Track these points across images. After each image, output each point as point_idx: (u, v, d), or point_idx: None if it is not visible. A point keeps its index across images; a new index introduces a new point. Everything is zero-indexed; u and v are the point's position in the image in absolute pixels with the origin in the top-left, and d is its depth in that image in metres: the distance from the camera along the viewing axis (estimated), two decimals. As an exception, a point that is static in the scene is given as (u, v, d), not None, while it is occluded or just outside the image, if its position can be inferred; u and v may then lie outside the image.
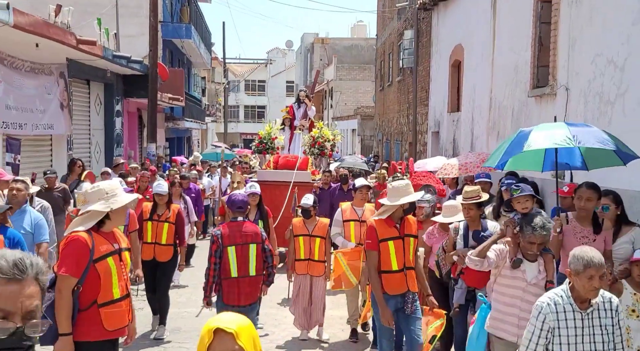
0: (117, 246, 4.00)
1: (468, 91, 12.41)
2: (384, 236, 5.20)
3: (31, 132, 10.63)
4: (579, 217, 5.09)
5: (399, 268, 5.22)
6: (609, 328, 3.38)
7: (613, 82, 6.10)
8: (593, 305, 3.38)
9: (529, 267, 4.40)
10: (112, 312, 3.94)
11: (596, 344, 3.35)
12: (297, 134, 12.25)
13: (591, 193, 5.00)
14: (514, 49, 9.40)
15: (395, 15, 21.73)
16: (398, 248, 5.22)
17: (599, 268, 3.27)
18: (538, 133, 4.76)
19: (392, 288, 5.24)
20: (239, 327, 2.04)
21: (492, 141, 10.59)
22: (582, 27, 6.92)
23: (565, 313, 3.36)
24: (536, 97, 8.34)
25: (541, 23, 8.29)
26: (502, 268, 4.45)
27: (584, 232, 5.03)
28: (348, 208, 7.02)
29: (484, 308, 4.79)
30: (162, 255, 6.99)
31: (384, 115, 24.86)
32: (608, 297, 3.45)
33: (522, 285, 4.35)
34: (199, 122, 29.24)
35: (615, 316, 3.41)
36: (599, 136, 4.67)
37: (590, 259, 3.27)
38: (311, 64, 48.21)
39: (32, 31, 8.89)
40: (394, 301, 5.26)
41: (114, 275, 3.94)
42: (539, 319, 3.39)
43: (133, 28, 18.46)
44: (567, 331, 3.35)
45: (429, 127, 16.25)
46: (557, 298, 3.41)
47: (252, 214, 7.15)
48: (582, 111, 6.82)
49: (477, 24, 11.57)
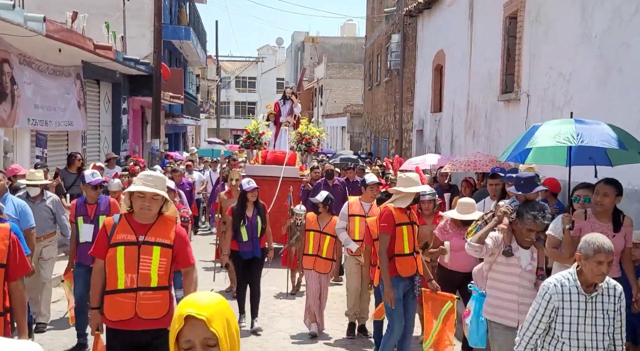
0: (141, 238, 3.92)
1: (449, 94, 13.62)
2: (399, 221, 5.48)
3: (55, 128, 11.71)
4: (597, 213, 4.94)
5: (410, 252, 5.52)
6: (611, 313, 3.48)
7: (562, 92, 7.31)
8: (598, 290, 3.48)
9: (523, 254, 4.54)
10: (113, 301, 3.93)
11: (597, 327, 3.46)
12: (283, 131, 12.30)
13: (608, 188, 4.86)
14: (487, 58, 10.61)
15: (383, 18, 22.90)
16: (409, 233, 5.53)
17: (609, 254, 3.36)
18: (545, 128, 4.74)
19: (405, 270, 5.50)
20: (212, 312, 1.95)
21: (469, 139, 11.81)
22: (539, 43, 8.13)
23: (570, 294, 3.47)
24: (504, 101, 9.56)
25: (509, 36, 9.51)
26: (497, 255, 4.57)
27: (603, 228, 4.87)
28: (355, 202, 6.92)
29: (477, 298, 4.88)
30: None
31: (372, 113, 26.02)
32: (613, 284, 3.54)
33: (517, 272, 4.48)
34: (195, 119, 30.34)
35: (618, 302, 3.51)
36: (604, 134, 4.55)
37: (602, 244, 3.36)
38: (301, 62, 49.20)
39: (59, 39, 10.02)
40: (404, 283, 5.53)
41: (120, 265, 3.89)
42: (545, 298, 3.50)
43: (135, 29, 19.46)
44: (571, 312, 3.47)
45: (414, 126, 17.45)
46: (563, 280, 3.51)
47: (250, 211, 7.23)
48: (539, 114, 8.04)
49: (457, 33, 12.77)
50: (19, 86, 10.09)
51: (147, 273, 3.90)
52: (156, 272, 3.92)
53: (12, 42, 9.56)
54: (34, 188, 6.84)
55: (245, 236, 7.11)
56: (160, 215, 4.03)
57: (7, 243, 3.72)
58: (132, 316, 3.89)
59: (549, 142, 4.62)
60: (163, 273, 3.94)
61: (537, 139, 4.65)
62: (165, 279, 3.96)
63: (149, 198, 3.91)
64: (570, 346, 3.45)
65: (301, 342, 6.82)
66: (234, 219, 7.17)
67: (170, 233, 3.98)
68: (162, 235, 3.95)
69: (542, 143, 4.68)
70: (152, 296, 3.91)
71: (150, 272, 3.90)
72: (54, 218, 7.04)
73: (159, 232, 3.96)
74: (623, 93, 5.77)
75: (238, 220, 7.13)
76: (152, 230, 3.95)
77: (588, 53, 6.59)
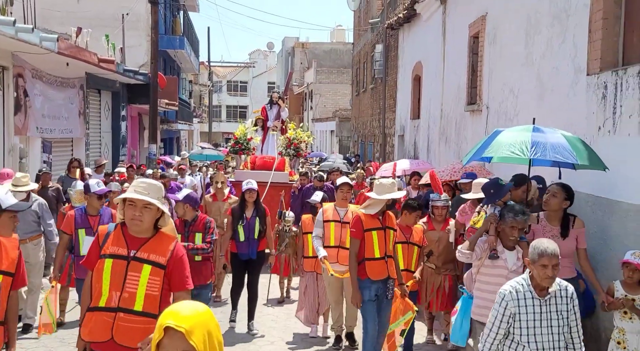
0: (133, 253, 3.52)
1: (425, 102, 14.73)
2: (368, 227, 5.61)
3: (58, 135, 12.75)
4: (548, 217, 5.10)
5: (381, 256, 5.63)
6: (565, 314, 3.60)
7: (512, 106, 8.41)
8: (550, 293, 3.59)
9: (509, 255, 4.72)
10: (90, 319, 3.54)
11: (553, 328, 3.57)
12: (271, 135, 12.24)
13: (557, 189, 5.03)
14: (456, 72, 11.72)
15: (368, 28, 24.04)
16: (380, 238, 5.64)
17: (552, 258, 3.48)
18: (505, 135, 4.82)
19: (375, 273, 5.63)
20: (192, 324, 1.93)
21: (442, 144, 12.91)
22: (496, 61, 9.24)
23: (525, 299, 3.58)
24: (470, 111, 10.66)
25: (473, 54, 10.61)
26: (484, 259, 4.77)
27: (553, 231, 5.01)
28: (330, 208, 6.70)
29: (465, 299, 5.08)
30: None
31: (359, 118, 27.14)
32: (564, 285, 3.66)
33: (504, 273, 4.61)
34: (188, 124, 31.37)
35: (571, 302, 3.63)
36: (559, 146, 4.62)
37: (545, 249, 3.50)
38: (292, 66, 50.30)
39: (68, 55, 11.05)
40: (376, 286, 5.65)
41: (105, 280, 3.49)
42: (502, 305, 3.61)
43: (131, 39, 20.53)
44: (527, 316, 3.56)
45: (396, 131, 18.56)
46: (518, 286, 3.62)
47: (250, 211, 7.25)
48: (496, 125, 9.12)
49: (432, 47, 13.88)
50: (30, 98, 11.15)
51: (133, 293, 3.47)
52: (143, 294, 3.48)
53: (27, 59, 10.61)
54: (20, 192, 6.61)
55: (242, 236, 7.17)
56: (159, 230, 3.63)
57: (17, 253, 3.74)
58: (108, 340, 3.49)
59: (504, 152, 4.72)
60: (153, 298, 3.48)
61: (494, 147, 4.80)
62: (156, 306, 3.47)
63: (139, 207, 3.50)
64: (530, 349, 3.57)
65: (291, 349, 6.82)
66: (233, 219, 7.26)
67: (165, 252, 3.54)
68: (156, 252, 3.53)
69: (498, 153, 4.84)
70: (133, 321, 3.47)
71: (136, 292, 3.47)
72: (39, 221, 6.93)
73: (154, 248, 3.54)
74: (553, 111, 6.86)
75: (237, 220, 7.22)
76: (147, 246, 3.54)
77: (530, 74, 7.69)
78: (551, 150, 4.57)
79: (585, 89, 6.13)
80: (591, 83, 6.00)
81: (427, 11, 14.30)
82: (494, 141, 4.83)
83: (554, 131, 5.01)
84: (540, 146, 4.57)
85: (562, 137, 4.80)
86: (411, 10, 15.34)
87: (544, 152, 4.54)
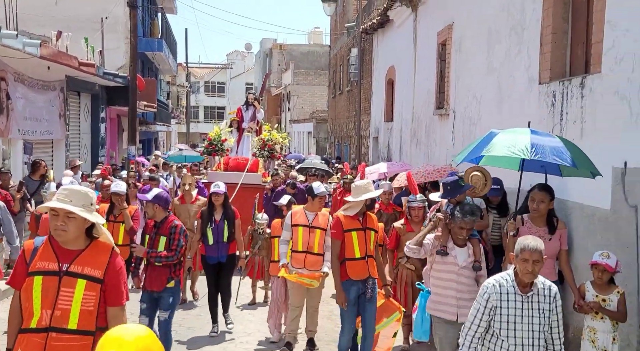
0: (65, 267, 3.24)
1: (398, 106, 15.26)
2: (348, 227, 5.75)
3: (39, 137, 13.00)
4: (533, 218, 5.17)
5: (361, 256, 5.74)
6: (547, 312, 3.63)
7: (475, 111, 8.94)
8: (533, 290, 3.64)
9: (460, 252, 4.83)
10: (21, 342, 3.27)
11: (533, 325, 3.61)
12: (246, 137, 12.14)
13: (543, 195, 5.12)
14: (426, 77, 12.25)
15: (345, 31, 24.53)
16: (360, 239, 5.75)
17: (533, 253, 3.54)
18: (502, 137, 4.82)
19: (356, 273, 5.74)
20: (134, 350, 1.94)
21: (413, 147, 13.44)
22: (461, 69, 9.77)
23: (507, 294, 3.64)
24: (438, 115, 11.19)
25: (441, 61, 11.15)
26: (435, 255, 4.91)
27: (539, 232, 5.09)
28: (299, 212, 6.55)
29: (423, 294, 5.20)
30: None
31: (336, 120, 27.63)
32: (548, 284, 3.70)
33: (454, 269, 4.75)
34: (167, 125, 31.56)
35: (553, 302, 3.66)
36: (558, 149, 4.64)
37: (527, 244, 3.58)
38: (269, 68, 50.65)
39: (50, 59, 11.34)
40: (357, 286, 5.75)
41: (36, 299, 3.21)
42: (484, 297, 3.67)
43: (110, 42, 20.75)
44: (508, 311, 3.62)
45: (371, 133, 19.08)
46: (502, 280, 3.69)
47: (219, 215, 7.22)
48: (461, 129, 9.67)
49: (404, 53, 14.41)
50: (13, 100, 11.41)
51: (66, 311, 3.21)
52: (78, 311, 3.22)
53: (9, 63, 10.88)
54: None
55: (211, 239, 7.14)
56: (93, 240, 3.38)
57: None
58: None
59: (503, 151, 4.71)
60: (88, 314, 3.24)
61: (493, 147, 4.76)
62: (92, 322, 3.25)
63: (62, 216, 3.24)
64: (509, 344, 3.63)
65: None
66: (202, 222, 7.25)
67: (101, 264, 3.30)
68: (90, 265, 3.28)
69: (497, 152, 4.75)
70: (67, 340, 3.21)
71: (70, 310, 3.22)
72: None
73: (88, 261, 3.29)
74: (512, 117, 7.39)
75: (205, 223, 7.20)
76: (80, 258, 3.28)
77: (491, 81, 8.23)
78: (550, 152, 4.60)
79: (537, 97, 6.67)
80: (542, 92, 6.54)
81: (399, 18, 14.83)
82: (492, 141, 4.82)
83: (550, 134, 5.08)
84: (540, 147, 4.60)
85: (559, 141, 4.85)
86: (384, 16, 15.87)
87: (543, 154, 4.58)
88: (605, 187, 5.11)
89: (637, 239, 4.79)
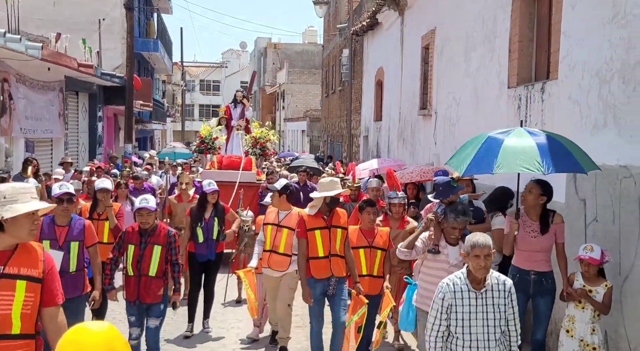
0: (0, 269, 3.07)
1: (386, 106, 15.79)
2: (311, 226, 5.69)
3: (40, 135, 13.50)
4: (527, 210, 5.19)
5: (324, 255, 5.68)
6: (502, 307, 3.70)
7: (455, 112, 9.49)
8: (486, 286, 3.71)
9: (452, 250, 4.86)
10: None
11: (488, 321, 3.69)
12: (235, 134, 12.02)
13: (532, 185, 5.13)
14: (412, 79, 12.78)
15: (337, 32, 25.05)
16: (324, 237, 5.68)
17: (483, 248, 3.64)
18: (508, 148, 4.61)
19: (319, 272, 5.70)
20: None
21: (400, 145, 13.98)
22: (443, 72, 10.32)
23: (462, 292, 3.71)
24: (422, 116, 11.73)
25: (425, 63, 11.69)
26: (427, 253, 4.98)
27: (533, 226, 5.12)
28: (273, 211, 6.44)
29: (411, 288, 5.28)
30: (103, 254, 5.81)
31: (328, 119, 28.14)
32: (502, 279, 3.78)
33: (445, 267, 4.78)
34: (162, 123, 32.06)
35: (508, 296, 3.72)
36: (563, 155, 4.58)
37: (477, 241, 3.68)
38: (264, 67, 51.14)
39: (50, 61, 11.84)
40: (321, 284, 5.72)
41: None
42: (439, 297, 3.76)
43: (106, 43, 21.23)
44: (463, 308, 3.69)
45: (361, 132, 19.62)
46: (455, 279, 3.76)
47: (208, 212, 7.18)
48: (442, 128, 10.21)
49: (392, 55, 14.94)
50: (15, 101, 11.90)
51: (7, 315, 3.05)
52: (19, 315, 3.07)
53: (12, 64, 11.37)
54: None
55: (201, 237, 7.09)
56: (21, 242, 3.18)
57: None
58: None
59: (516, 168, 4.56)
60: (28, 316, 3.10)
61: (503, 161, 4.54)
62: (32, 324, 3.13)
63: None
64: (464, 341, 3.70)
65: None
66: (191, 220, 7.17)
67: (37, 263, 3.15)
68: (26, 265, 3.12)
69: (510, 168, 4.58)
70: (11, 347, 3.08)
71: (10, 314, 3.05)
72: None
73: (22, 261, 3.12)
74: (485, 118, 7.93)
75: (195, 221, 7.14)
76: (14, 259, 3.11)
77: (469, 85, 8.77)
78: (560, 163, 4.51)
79: (506, 100, 7.23)
80: (510, 95, 7.10)
81: (387, 21, 15.37)
82: (501, 153, 4.59)
83: (541, 133, 4.93)
84: (548, 158, 4.47)
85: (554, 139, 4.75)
86: (374, 19, 16.40)
87: (556, 166, 4.47)
88: (562, 183, 5.66)
89: (585, 230, 5.33)
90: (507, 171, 4.69)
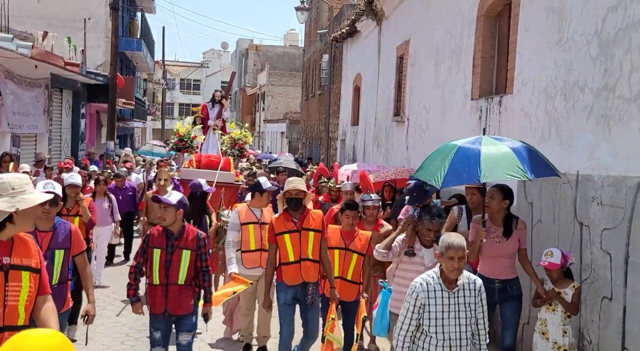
0: (6, 260, 3.05)
1: (363, 111, 16.41)
2: (279, 230, 5.37)
3: (26, 131, 13.86)
4: (491, 216, 5.19)
5: (295, 260, 5.36)
6: (472, 306, 3.76)
7: (425, 120, 10.13)
8: (459, 285, 3.76)
9: (426, 253, 4.95)
10: None
11: (460, 319, 3.74)
12: (212, 134, 11.80)
13: (494, 191, 5.16)
14: (387, 86, 13.42)
15: (318, 37, 25.64)
16: (294, 241, 5.36)
17: (457, 250, 3.67)
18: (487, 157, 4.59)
19: (289, 278, 5.39)
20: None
21: (375, 149, 14.60)
22: (415, 81, 10.95)
23: (435, 292, 3.73)
24: (396, 121, 12.36)
25: (399, 72, 12.33)
26: (402, 255, 5.04)
27: (497, 232, 5.16)
28: (243, 210, 6.24)
29: (385, 292, 5.26)
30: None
31: (307, 121, 28.72)
32: (473, 279, 3.84)
33: (420, 269, 4.76)
34: (142, 121, 32.34)
35: (478, 295, 3.80)
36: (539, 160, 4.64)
37: (451, 242, 3.70)
38: (245, 68, 51.60)
39: (39, 59, 12.23)
40: (293, 290, 5.42)
41: None
42: (412, 296, 3.76)
43: (90, 41, 21.56)
44: (436, 307, 3.72)
45: (339, 136, 20.22)
46: (428, 278, 3.79)
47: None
48: (414, 134, 10.84)
49: (370, 62, 15.57)
50: (3, 97, 12.26)
51: (14, 307, 3.05)
52: (24, 305, 3.09)
53: (1, 62, 11.73)
54: None
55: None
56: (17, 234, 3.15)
57: None
58: None
59: (502, 175, 4.56)
60: (29, 307, 3.13)
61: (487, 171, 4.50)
62: (29, 315, 3.14)
63: None
64: (437, 339, 3.73)
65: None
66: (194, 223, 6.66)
67: (33, 252, 3.17)
68: (27, 256, 3.14)
69: (494, 176, 4.58)
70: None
71: (17, 305, 3.07)
72: None
73: (22, 252, 3.13)
74: (452, 127, 8.57)
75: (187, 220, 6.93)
76: (15, 250, 3.09)
77: (437, 94, 9.41)
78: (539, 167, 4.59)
79: (469, 111, 7.86)
80: (473, 106, 7.73)
81: (366, 29, 16.00)
82: (483, 162, 4.56)
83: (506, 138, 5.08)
84: (527, 163, 4.53)
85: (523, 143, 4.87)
86: (353, 27, 17.02)
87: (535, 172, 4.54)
88: (513, 187, 6.29)
89: (531, 230, 5.97)
90: (494, 179, 4.69)
